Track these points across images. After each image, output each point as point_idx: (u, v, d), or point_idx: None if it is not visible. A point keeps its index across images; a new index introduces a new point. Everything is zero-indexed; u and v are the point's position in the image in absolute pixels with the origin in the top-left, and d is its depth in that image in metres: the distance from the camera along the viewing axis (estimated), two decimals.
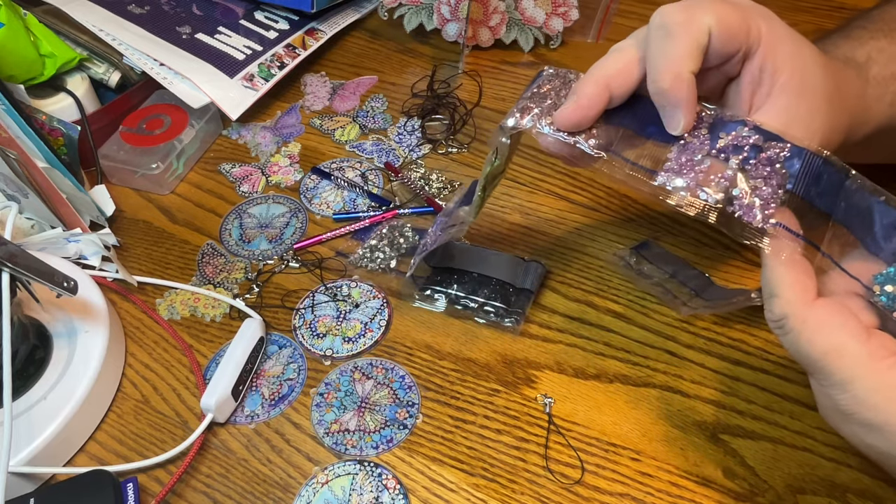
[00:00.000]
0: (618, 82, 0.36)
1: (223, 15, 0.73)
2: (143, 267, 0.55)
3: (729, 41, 0.34)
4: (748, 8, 0.36)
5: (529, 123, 0.38)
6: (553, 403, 0.44)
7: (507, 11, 0.69)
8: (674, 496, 0.40)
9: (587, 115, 0.36)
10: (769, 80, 0.35)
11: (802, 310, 0.31)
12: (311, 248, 0.55)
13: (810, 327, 0.30)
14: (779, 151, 0.33)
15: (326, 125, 0.66)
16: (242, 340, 0.47)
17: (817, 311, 0.31)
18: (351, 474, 0.42)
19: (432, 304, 0.50)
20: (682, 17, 0.34)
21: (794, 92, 0.35)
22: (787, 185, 0.33)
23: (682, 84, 0.34)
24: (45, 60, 0.61)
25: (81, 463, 0.44)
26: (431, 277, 0.50)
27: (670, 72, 0.34)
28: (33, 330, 0.46)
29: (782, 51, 0.35)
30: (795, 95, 0.35)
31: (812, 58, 0.36)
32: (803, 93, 0.35)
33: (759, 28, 0.35)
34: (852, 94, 0.38)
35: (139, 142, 0.61)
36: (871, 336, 0.30)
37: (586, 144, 0.36)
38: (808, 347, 0.30)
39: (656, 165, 0.35)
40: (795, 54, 0.35)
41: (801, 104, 0.35)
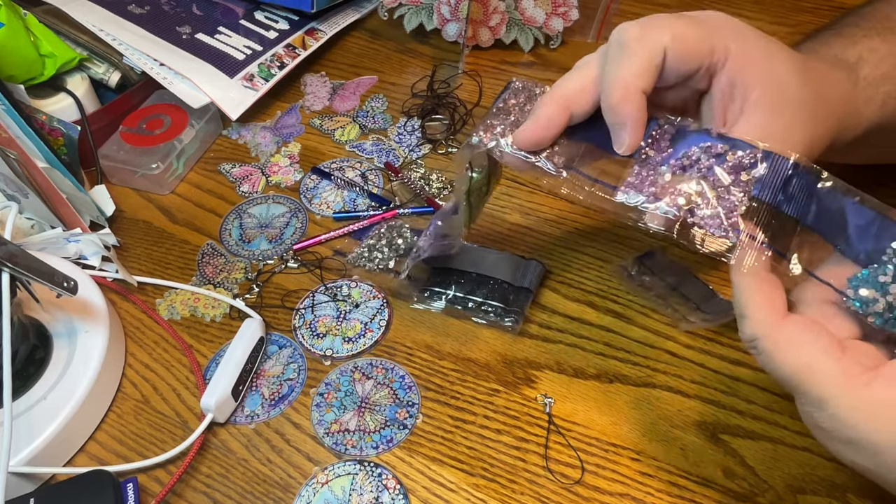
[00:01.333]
0: (578, 101, 0.36)
1: (223, 15, 0.73)
2: (143, 267, 0.55)
3: (686, 59, 0.34)
4: (713, 25, 0.35)
5: (492, 143, 0.38)
6: (553, 403, 0.44)
7: (507, 11, 0.69)
8: (674, 496, 0.40)
9: (546, 136, 0.36)
10: (741, 96, 0.34)
11: (772, 330, 0.30)
12: (311, 248, 0.55)
13: (781, 347, 0.30)
14: (742, 158, 0.32)
15: (326, 125, 0.66)
16: (242, 340, 0.47)
17: (787, 329, 0.30)
18: (351, 474, 0.42)
19: (431, 304, 0.50)
20: (637, 34, 0.34)
21: (767, 108, 0.34)
22: (753, 192, 0.32)
23: (629, 102, 0.34)
24: (45, 60, 0.61)
25: (81, 463, 0.44)
26: (431, 278, 0.50)
27: (619, 89, 0.34)
28: (33, 330, 0.46)
29: (753, 66, 0.34)
30: (769, 111, 0.34)
31: (788, 69, 0.35)
32: (778, 108, 0.34)
33: (724, 45, 0.34)
34: (839, 99, 0.38)
35: (139, 142, 0.61)
36: (846, 351, 0.29)
37: (547, 164, 0.36)
38: (781, 368, 0.30)
39: (617, 182, 0.34)
40: (769, 69, 0.35)
41: (775, 119, 0.34)
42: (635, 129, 0.34)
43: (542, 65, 0.70)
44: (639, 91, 0.34)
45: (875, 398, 0.28)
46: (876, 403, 0.28)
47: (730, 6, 0.74)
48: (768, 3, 0.74)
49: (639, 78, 0.34)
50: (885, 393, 0.28)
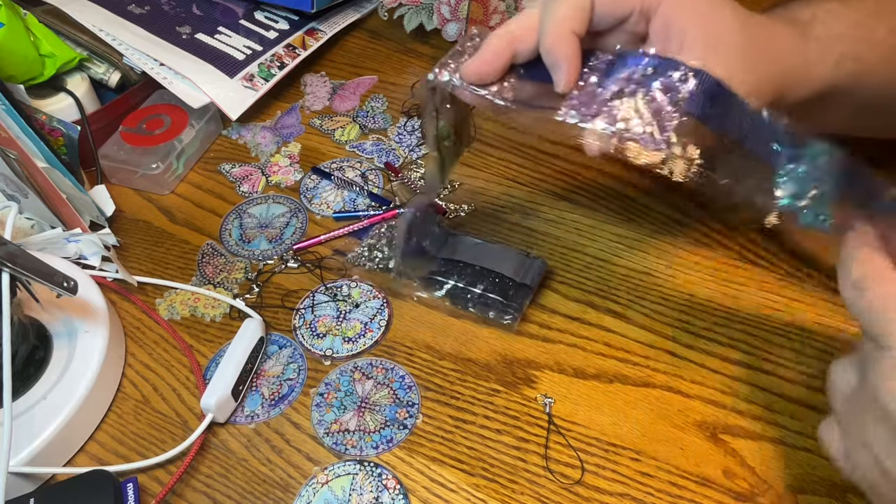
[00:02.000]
0: (522, 39, 0.38)
1: (223, 15, 0.73)
2: (143, 267, 0.55)
3: (616, 6, 0.37)
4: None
5: (446, 77, 0.40)
6: (553, 403, 0.44)
7: (507, 11, 0.69)
8: (674, 496, 0.40)
9: (490, 69, 0.38)
10: (677, 38, 0.36)
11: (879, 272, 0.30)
12: (311, 248, 0.55)
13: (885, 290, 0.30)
14: (674, 75, 0.34)
15: (326, 125, 0.66)
16: (242, 340, 0.47)
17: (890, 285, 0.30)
18: (351, 474, 0.42)
19: (432, 292, 0.49)
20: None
21: (702, 48, 0.35)
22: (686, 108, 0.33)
23: (562, 43, 0.36)
24: (45, 60, 0.61)
25: (81, 463, 0.44)
26: (435, 268, 0.50)
27: (552, 32, 0.36)
28: (33, 330, 0.46)
29: (688, 9, 0.36)
30: (704, 51, 0.35)
31: (726, 14, 0.37)
32: (713, 49, 0.35)
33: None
34: (784, 50, 0.39)
35: (139, 142, 0.61)
36: None
37: (498, 97, 0.38)
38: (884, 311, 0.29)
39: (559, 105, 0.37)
40: (704, 12, 0.36)
41: (711, 60, 0.35)
42: (570, 67, 0.36)
43: None
44: (570, 32, 0.36)
45: None
46: None
47: None
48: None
49: (569, 20, 0.36)
50: None
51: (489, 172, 0.59)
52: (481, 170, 0.60)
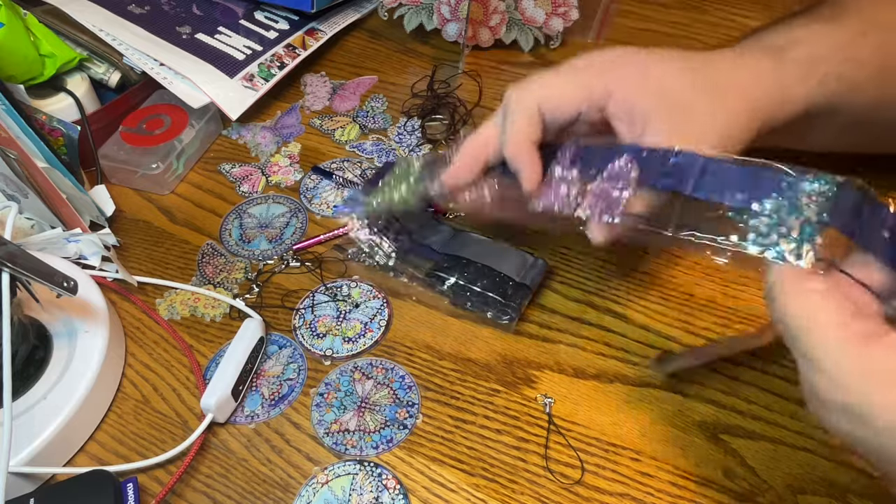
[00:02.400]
0: (487, 151, 0.43)
1: (223, 15, 0.73)
2: (143, 267, 0.55)
3: (563, 108, 0.40)
4: (589, 69, 0.40)
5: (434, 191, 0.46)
6: (553, 403, 0.44)
7: (507, 11, 0.69)
8: (674, 496, 0.40)
9: (466, 178, 0.43)
10: (640, 118, 0.39)
11: (789, 279, 0.30)
12: (311, 248, 0.55)
13: (793, 293, 0.30)
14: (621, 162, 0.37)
15: (326, 125, 0.66)
16: (242, 340, 0.47)
17: (803, 281, 0.30)
18: (351, 474, 0.42)
19: (434, 288, 0.49)
20: (515, 97, 0.41)
21: (663, 117, 0.38)
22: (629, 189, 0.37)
23: (520, 152, 0.40)
24: (45, 60, 0.61)
25: (81, 463, 0.44)
26: (438, 264, 0.50)
27: (510, 144, 0.40)
28: (33, 330, 0.46)
29: (634, 89, 0.39)
30: (666, 119, 0.38)
31: (671, 76, 0.39)
32: (667, 111, 0.38)
33: (602, 84, 0.39)
34: (751, 79, 0.40)
35: (139, 142, 0.61)
36: (857, 316, 0.28)
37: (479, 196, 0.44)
38: (786, 314, 0.29)
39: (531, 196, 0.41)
40: (649, 84, 0.39)
41: (670, 121, 0.38)
42: (531, 172, 0.40)
43: (542, 65, 0.70)
44: (527, 142, 0.40)
45: (874, 359, 0.27)
46: (874, 365, 0.27)
47: (730, 6, 0.74)
48: (768, 3, 0.74)
49: (522, 132, 0.40)
50: (885, 356, 0.27)
51: None
52: None
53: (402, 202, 0.49)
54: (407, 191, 0.49)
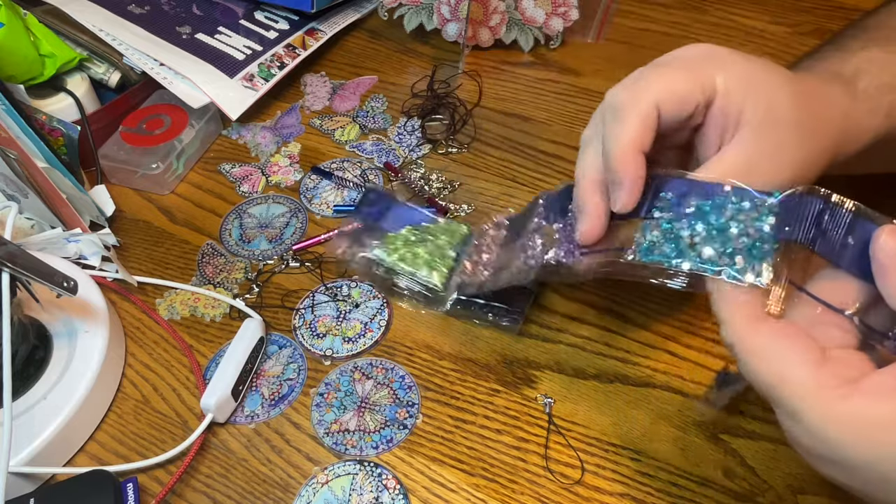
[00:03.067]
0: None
1: (223, 15, 0.73)
2: (143, 267, 0.55)
3: (681, 107, 0.35)
4: (696, 63, 0.36)
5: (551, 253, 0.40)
6: (553, 403, 0.44)
7: (507, 11, 0.69)
8: (674, 496, 0.40)
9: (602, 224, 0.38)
10: (734, 122, 0.35)
11: (747, 335, 0.29)
12: (311, 248, 0.55)
13: (757, 355, 0.29)
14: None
15: (326, 125, 0.66)
16: (242, 340, 0.47)
17: (762, 335, 0.29)
18: (351, 474, 0.42)
19: (437, 308, 0.49)
20: (627, 97, 0.35)
21: (756, 125, 0.34)
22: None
23: (627, 163, 0.34)
24: (45, 60, 0.61)
25: (81, 463, 0.44)
26: None
27: (618, 154, 0.35)
28: (33, 330, 0.46)
29: (742, 91, 0.35)
30: (759, 129, 0.34)
31: (778, 90, 0.35)
32: (767, 125, 0.34)
33: (711, 80, 0.35)
34: (836, 115, 0.37)
35: (139, 142, 0.61)
36: (826, 362, 0.28)
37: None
38: (756, 376, 0.29)
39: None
40: (757, 89, 0.35)
41: (765, 139, 0.34)
42: (632, 188, 0.35)
43: (542, 65, 0.70)
44: (637, 152, 0.35)
45: (850, 412, 0.27)
46: (851, 418, 0.27)
47: (730, 6, 0.74)
48: (768, 3, 0.74)
49: (635, 141, 0.34)
50: (861, 407, 0.26)
51: (489, 172, 0.59)
52: (481, 170, 0.60)
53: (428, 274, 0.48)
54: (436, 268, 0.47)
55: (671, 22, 0.73)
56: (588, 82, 0.67)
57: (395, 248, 0.49)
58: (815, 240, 0.31)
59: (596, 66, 0.69)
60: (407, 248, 0.49)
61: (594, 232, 0.37)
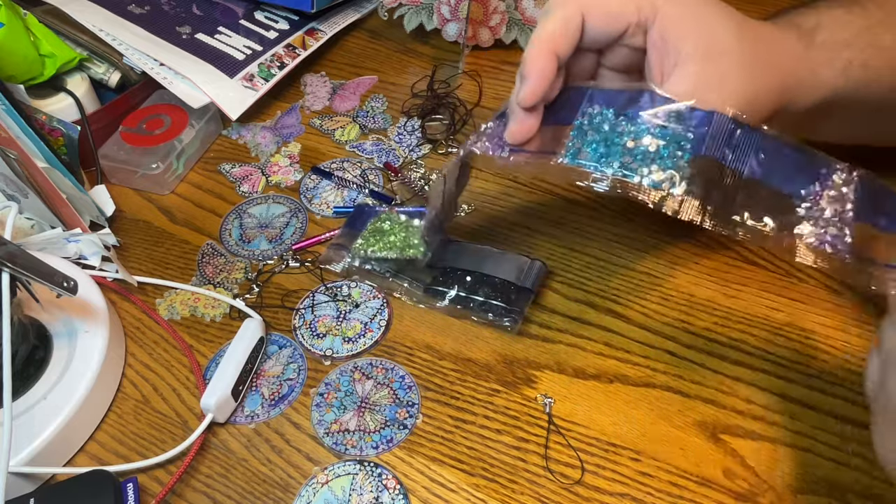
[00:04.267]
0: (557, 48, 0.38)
1: (223, 15, 0.73)
2: (143, 267, 0.55)
3: (610, 21, 0.37)
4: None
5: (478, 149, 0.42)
6: (553, 403, 0.44)
7: (507, 11, 0.69)
8: (674, 496, 0.40)
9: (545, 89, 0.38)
10: (674, 49, 0.36)
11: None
12: (311, 248, 0.55)
13: None
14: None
15: (326, 125, 0.66)
16: (242, 340, 0.47)
17: None
18: (351, 474, 0.42)
19: (434, 304, 0.50)
20: (555, 1, 0.37)
21: (700, 57, 0.35)
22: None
23: (537, 57, 0.37)
24: (45, 60, 0.61)
25: (81, 463, 0.44)
26: (435, 277, 0.50)
27: (533, 45, 0.37)
28: (33, 330, 0.46)
29: (683, 18, 0.36)
30: (701, 60, 0.35)
31: (721, 22, 0.36)
32: (710, 56, 0.35)
33: (651, 2, 0.36)
34: (785, 56, 0.39)
35: (139, 142, 0.61)
36: None
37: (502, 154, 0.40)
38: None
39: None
40: (699, 20, 0.36)
41: (708, 68, 0.35)
42: (536, 83, 0.37)
43: None
44: (549, 51, 0.37)
45: None
46: None
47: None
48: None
49: (551, 39, 0.37)
50: None
51: (489, 172, 0.59)
52: (481, 170, 0.60)
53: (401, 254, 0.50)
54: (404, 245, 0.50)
55: None
56: None
57: (370, 243, 0.51)
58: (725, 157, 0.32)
59: None
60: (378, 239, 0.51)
61: (536, 94, 0.38)
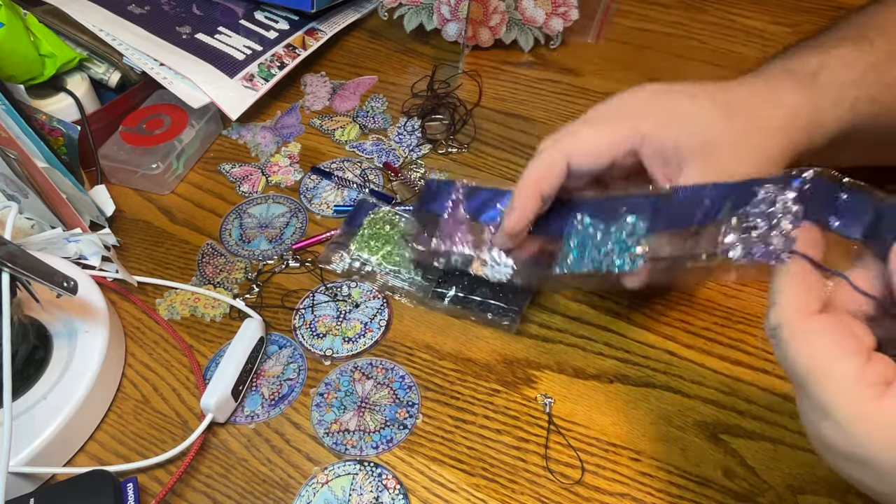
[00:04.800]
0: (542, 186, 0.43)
1: (223, 15, 0.73)
2: (143, 267, 0.55)
3: (595, 160, 0.41)
4: (614, 117, 0.41)
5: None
6: (553, 403, 0.44)
7: (507, 11, 0.69)
8: (674, 496, 0.40)
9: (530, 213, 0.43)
10: (672, 157, 0.39)
11: (796, 321, 0.29)
12: (311, 248, 0.55)
13: (800, 340, 0.28)
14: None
15: (326, 125, 0.66)
16: (242, 340, 0.47)
17: (811, 324, 0.29)
18: (351, 474, 0.42)
19: (435, 305, 0.50)
20: (546, 146, 0.42)
21: (698, 157, 0.38)
22: None
23: (522, 196, 0.41)
24: (45, 60, 0.61)
25: (81, 463, 0.44)
26: (434, 279, 0.50)
27: (520, 183, 0.42)
28: (33, 330, 0.46)
29: (669, 128, 0.39)
30: (700, 159, 0.38)
31: (706, 111, 0.39)
32: (707, 152, 0.38)
33: (636, 128, 0.39)
34: (783, 112, 0.40)
35: (139, 142, 0.61)
36: (870, 361, 0.27)
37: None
38: (795, 362, 0.28)
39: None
40: (686, 120, 0.39)
41: (709, 162, 0.38)
42: (519, 216, 0.42)
43: (542, 65, 0.70)
44: (535, 192, 0.41)
45: (883, 413, 0.26)
46: (883, 419, 0.26)
47: (730, 6, 0.74)
48: (768, 3, 0.74)
49: (536, 182, 0.41)
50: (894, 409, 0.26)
51: (489, 172, 0.60)
52: (481, 170, 0.60)
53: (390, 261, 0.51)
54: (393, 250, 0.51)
55: (671, 22, 0.73)
56: (588, 82, 0.67)
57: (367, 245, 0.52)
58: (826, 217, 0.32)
59: (596, 66, 0.69)
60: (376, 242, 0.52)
61: (519, 226, 0.42)
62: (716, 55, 0.69)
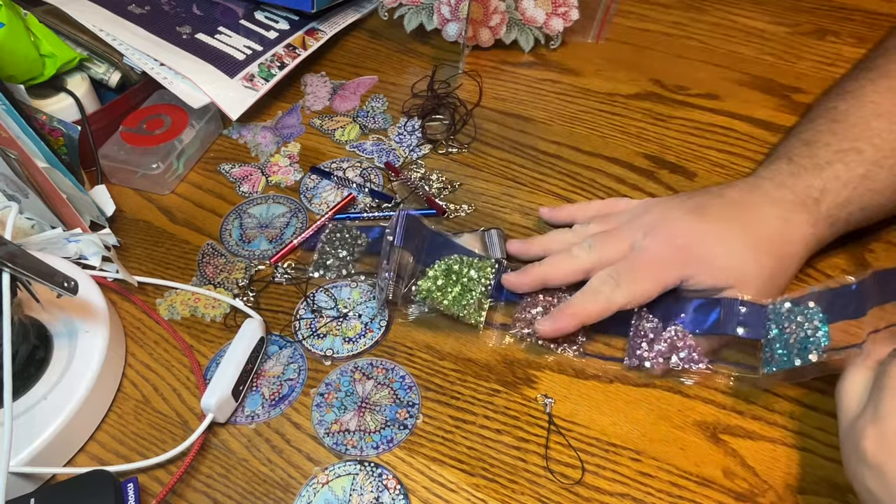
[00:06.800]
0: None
1: (223, 15, 0.73)
2: (144, 267, 0.55)
3: (647, 300, 0.45)
4: (668, 263, 0.45)
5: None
6: (553, 403, 0.44)
7: (507, 11, 0.69)
8: (674, 496, 0.40)
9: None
10: (710, 292, 0.44)
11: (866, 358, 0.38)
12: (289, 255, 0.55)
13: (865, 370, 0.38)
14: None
15: (326, 125, 0.66)
16: (243, 340, 0.47)
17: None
18: (351, 474, 0.42)
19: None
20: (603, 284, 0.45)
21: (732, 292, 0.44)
22: None
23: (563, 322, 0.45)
24: (46, 60, 0.61)
25: (82, 463, 0.44)
26: None
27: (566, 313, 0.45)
28: (34, 330, 0.46)
29: (711, 276, 0.44)
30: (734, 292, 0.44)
31: (739, 255, 0.44)
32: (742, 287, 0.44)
33: (681, 276, 0.44)
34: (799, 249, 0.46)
35: (139, 142, 0.61)
36: None
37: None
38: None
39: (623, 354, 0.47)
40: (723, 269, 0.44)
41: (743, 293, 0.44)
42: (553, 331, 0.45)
43: (542, 65, 0.70)
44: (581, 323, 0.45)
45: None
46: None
47: (730, 6, 0.74)
48: (768, 3, 0.74)
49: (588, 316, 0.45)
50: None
51: (489, 172, 0.60)
52: (481, 170, 0.60)
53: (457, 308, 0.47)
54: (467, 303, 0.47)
55: (671, 22, 0.73)
56: (588, 82, 0.67)
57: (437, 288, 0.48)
58: None
59: (596, 67, 0.69)
60: (448, 282, 0.48)
61: (555, 335, 0.46)
62: (716, 55, 0.69)
